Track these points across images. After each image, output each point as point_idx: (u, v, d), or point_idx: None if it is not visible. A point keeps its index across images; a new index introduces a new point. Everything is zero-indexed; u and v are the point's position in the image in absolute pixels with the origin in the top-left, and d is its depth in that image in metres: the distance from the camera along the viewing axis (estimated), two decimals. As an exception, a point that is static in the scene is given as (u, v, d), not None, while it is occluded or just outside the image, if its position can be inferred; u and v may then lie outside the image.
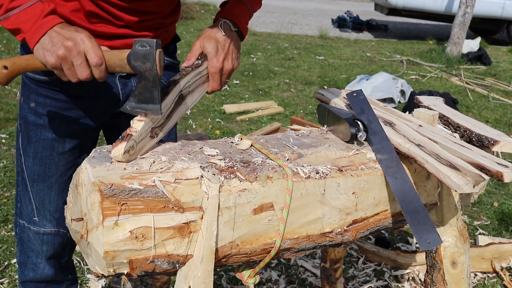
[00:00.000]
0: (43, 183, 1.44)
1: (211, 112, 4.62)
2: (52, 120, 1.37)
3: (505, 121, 4.89)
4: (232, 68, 1.31)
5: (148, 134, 1.09)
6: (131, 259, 0.96)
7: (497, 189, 3.40)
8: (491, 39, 9.82)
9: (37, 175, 1.43)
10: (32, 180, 1.44)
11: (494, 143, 1.31)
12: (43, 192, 1.45)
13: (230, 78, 1.35)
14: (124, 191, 0.92)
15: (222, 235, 1.02)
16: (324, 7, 13.87)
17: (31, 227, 1.51)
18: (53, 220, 1.49)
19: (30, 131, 1.39)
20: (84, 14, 1.24)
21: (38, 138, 1.39)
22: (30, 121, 1.38)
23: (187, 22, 9.47)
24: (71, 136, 1.41)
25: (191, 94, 1.24)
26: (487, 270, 2.51)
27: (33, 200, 1.47)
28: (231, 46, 1.30)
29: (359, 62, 7.17)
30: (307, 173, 1.09)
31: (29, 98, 1.37)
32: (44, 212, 1.48)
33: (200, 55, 1.27)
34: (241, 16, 1.36)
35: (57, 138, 1.39)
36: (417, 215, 1.11)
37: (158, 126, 1.12)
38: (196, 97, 1.26)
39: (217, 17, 1.35)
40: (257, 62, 6.69)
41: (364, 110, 1.33)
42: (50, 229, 1.50)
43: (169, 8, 1.38)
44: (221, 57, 1.27)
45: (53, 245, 1.54)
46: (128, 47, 1.31)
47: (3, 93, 4.59)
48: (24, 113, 1.40)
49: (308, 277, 2.40)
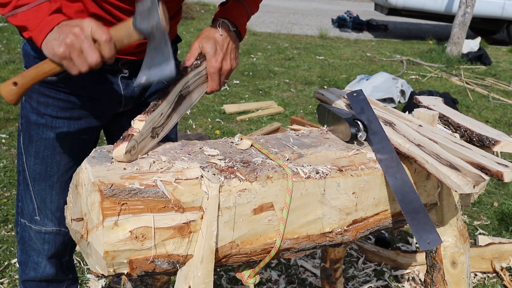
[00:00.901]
0: (44, 182, 1.44)
1: (211, 112, 4.62)
2: (54, 120, 1.37)
3: (505, 121, 4.88)
4: (231, 68, 1.31)
5: (149, 134, 1.09)
6: (131, 259, 0.96)
7: (497, 189, 3.40)
8: (491, 39, 9.82)
9: (39, 174, 1.43)
10: (33, 179, 1.45)
11: (495, 143, 1.31)
12: (45, 191, 1.45)
13: (229, 78, 1.35)
14: (124, 191, 0.92)
15: (222, 235, 1.02)
16: (324, 7, 13.87)
17: (32, 226, 1.51)
18: (54, 219, 1.49)
19: (31, 130, 1.40)
20: (88, 16, 1.24)
21: (40, 137, 1.39)
22: (32, 120, 1.38)
23: (187, 22, 9.47)
24: (73, 135, 1.41)
25: (191, 94, 1.24)
26: (487, 270, 2.51)
27: (35, 199, 1.47)
28: (230, 46, 1.30)
29: (359, 62, 7.17)
30: (307, 173, 1.09)
31: (31, 98, 1.37)
32: (45, 211, 1.48)
33: (199, 56, 1.27)
34: (240, 17, 1.36)
35: (58, 138, 1.39)
36: (417, 215, 1.11)
37: (158, 126, 1.13)
38: (195, 97, 1.27)
39: (216, 17, 1.35)
40: (257, 62, 6.69)
41: (364, 110, 1.33)
42: (52, 228, 1.50)
43: (172, 11, 1.38)
44: (220, 57, 1.27)
45: (55, 244, 1.54)
46: (129, 48, 1.31)
47: (3, 93, 4.59)
48: (26, 113, 1.40)
49: (308, 277, 2.40)
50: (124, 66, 1.37)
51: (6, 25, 7.55)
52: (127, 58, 1.35)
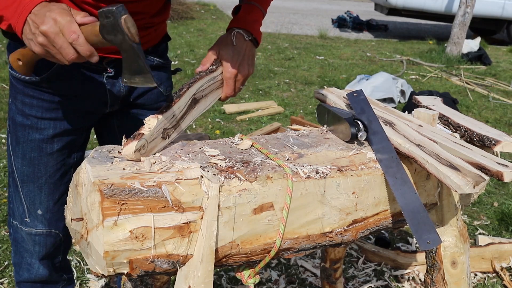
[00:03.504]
0: (33, 184, 1.42)
1: (211, 112, 4.62)
2: (39, 121, 1.35)
3: (505, 121, 4.88)
4: (248, 74, 1.32)
5: (160, 134, 1.10)
6: (131, 259, 0.96)
7: (497, 189, 3.40)
8: (491, 39, 9.82)
9: (27, 176, 1.41)
10: (22, 181, 1.43)
11: (496, 143, 1.31)
12: (33, 193, 1.43)
13: (244, 85, 1.35)
14: (124, 191, 0.92)
15: (222, 235, 1.02)
16: (324, 7, 13.87)
17: (23, 228, 1.49)
18: (44, 220, 1.47)
19: (18, 131, 1.38)
20: None
21: (26, 139, 1.37)
22: (18, 121, 1.37)
23: (187, 22, 9.47)
24: (59, 136, 1.39)
25: (205, 98, 1.24)
26: (487, 270, 2.51)
27: (24, 201, 1.45)
28: (247, 53, 1.32)
29: (359, 62, 7.17)
30: (307, 173, 1.09)
31: (16, 99, 1.35)
32: (35, 213, 1.46)
33: (215, 61, 1.28)
34: (254, 23, 1.37)
35: (45, 139, 1.37)
36: (417, 215, 1.11)
37: (170, 127, 1.13)
38: (209, 102, 1.27)
39: (230, 26, 1.36)
40: (257, 62, 6.68)
41: (364, 110, 1.33)
42: (42, 229, 1.48)
43: (156, 8, 1.37)
44: (237, 63, 1.28)
45: (45, 246, 1.52)
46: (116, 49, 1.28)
47: (3, 93, 4.59)
48: (12, 114, 1.38)
49: (308, 277, 2.40)
50: (109, 65, 1.34)
51: (6, 25, 7.54)
52: (112, 57, 1.33)
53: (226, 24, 1.65)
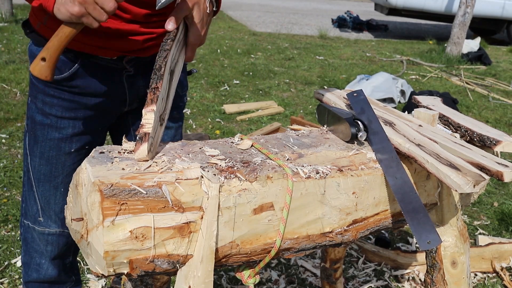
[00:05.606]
0: (49, 183, 1.44)
1: (211, 112, 4.62)
2: (58, 120, 1.37)
3: (505, 121, 4.89)
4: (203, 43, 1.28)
5: (158, 123, 1.09)
6: (131, 259, 0.96)
7: (497, 189, 3.40)
8: (491, 39, 9.82)
9: (43, 175, 1.43)
10: (38, 180, 1.44)
11: (496, 143, 1.31)
12: (49, 192, 1.45)
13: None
14: (124, 191, 0.92)
15: (222, 235, 1.02)
16: (324, 7, 13.88)
17: (35, 228, 1.50)
18: (58, 220, 1.49)
19: (37, 130, 1.39)
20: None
21: (45, 138, 1.39)
22: (37, 120, 1.38)
23: (187, 22, 9.46)
24: (78, 136, 1.40)
25: (177, 65, 1.21)
26: (487, 270, 2.51)
27: (38, 200, 1.46)
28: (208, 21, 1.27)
29: (359, 62, 7.17)
30: (307, 173, 1.09)
31: (37, 98, 1.37)
32: (49, 213, 1.47)
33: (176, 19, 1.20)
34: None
35: (63, 138, 1.39)
36: (417, 215, 1.11)
37: (163, 111, 1.12)
38: (180, 66, 1.24)
39: None
40: (257, 62, 6.68)
41: (364, 110, 1.33)
42: (55, 229, 1.50)
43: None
44: (203, 29, 1.24)
45: (58, 246, 1.53)
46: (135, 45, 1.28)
47: (3, 93, 4.59)
48: (31, 113, 1.40)
49: (308, 277, 2.39)
50: (129, 64, 1.36)
51: (6, 25, 7.56)
52: (132, 56, 1.35)
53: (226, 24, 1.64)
